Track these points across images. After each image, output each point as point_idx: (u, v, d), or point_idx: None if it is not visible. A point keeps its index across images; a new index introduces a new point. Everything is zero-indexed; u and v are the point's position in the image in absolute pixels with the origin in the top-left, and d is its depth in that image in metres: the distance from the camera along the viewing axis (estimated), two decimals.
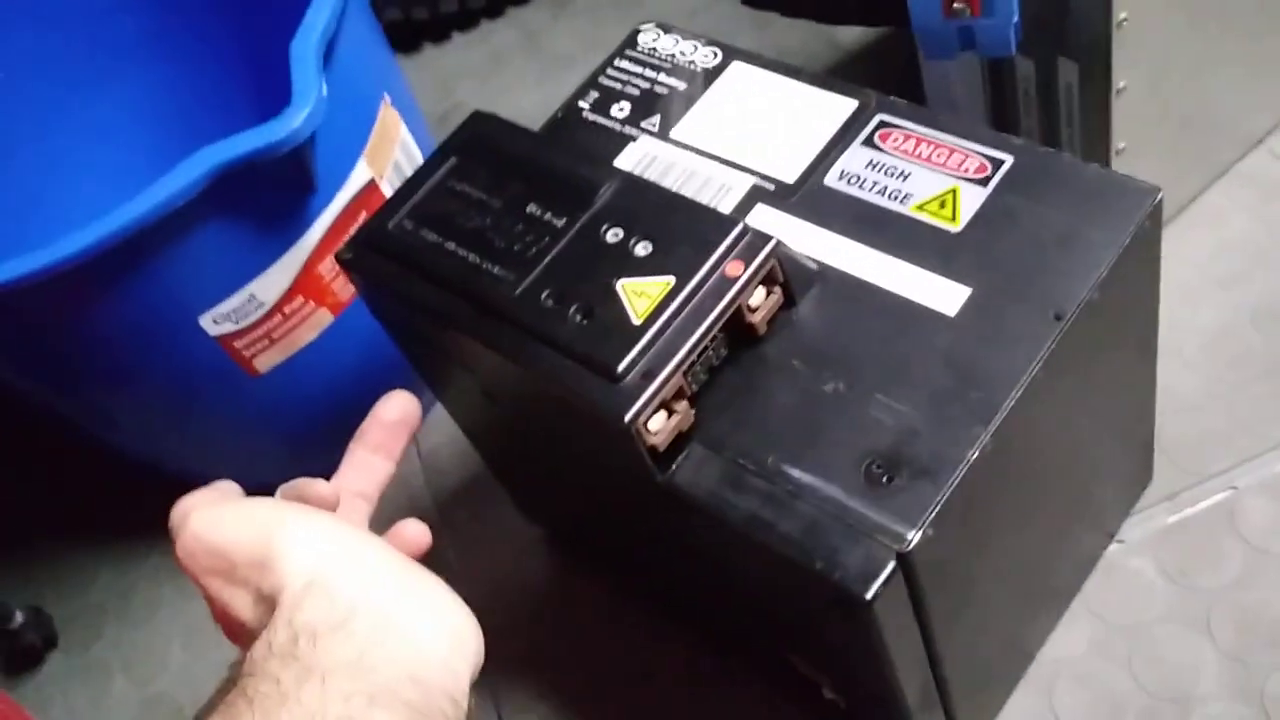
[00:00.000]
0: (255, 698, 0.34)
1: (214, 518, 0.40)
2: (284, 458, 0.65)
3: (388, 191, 0.57)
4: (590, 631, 0.47)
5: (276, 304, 0.55)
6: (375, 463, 0.46)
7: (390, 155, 0.58)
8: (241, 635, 0.40)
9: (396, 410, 0.47)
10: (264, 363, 0.56)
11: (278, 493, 0.43)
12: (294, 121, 0.48)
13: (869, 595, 0.37)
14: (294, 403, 0.60)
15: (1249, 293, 0.62)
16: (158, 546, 0.70)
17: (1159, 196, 0.42)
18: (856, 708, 0.49)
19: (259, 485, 0.68)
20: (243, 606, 0.39)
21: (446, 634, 0.38)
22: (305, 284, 0.55)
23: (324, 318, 0.57)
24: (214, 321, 0.53)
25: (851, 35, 0.79)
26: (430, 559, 0.42)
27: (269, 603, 0.37)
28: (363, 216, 0.56)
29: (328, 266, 0.56)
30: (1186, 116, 0.60)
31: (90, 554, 0.72)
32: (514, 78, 0.88)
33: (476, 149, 0.47)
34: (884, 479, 0.39)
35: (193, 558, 0.39)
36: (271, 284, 0.54)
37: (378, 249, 0.46)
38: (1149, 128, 0.57)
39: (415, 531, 0.45)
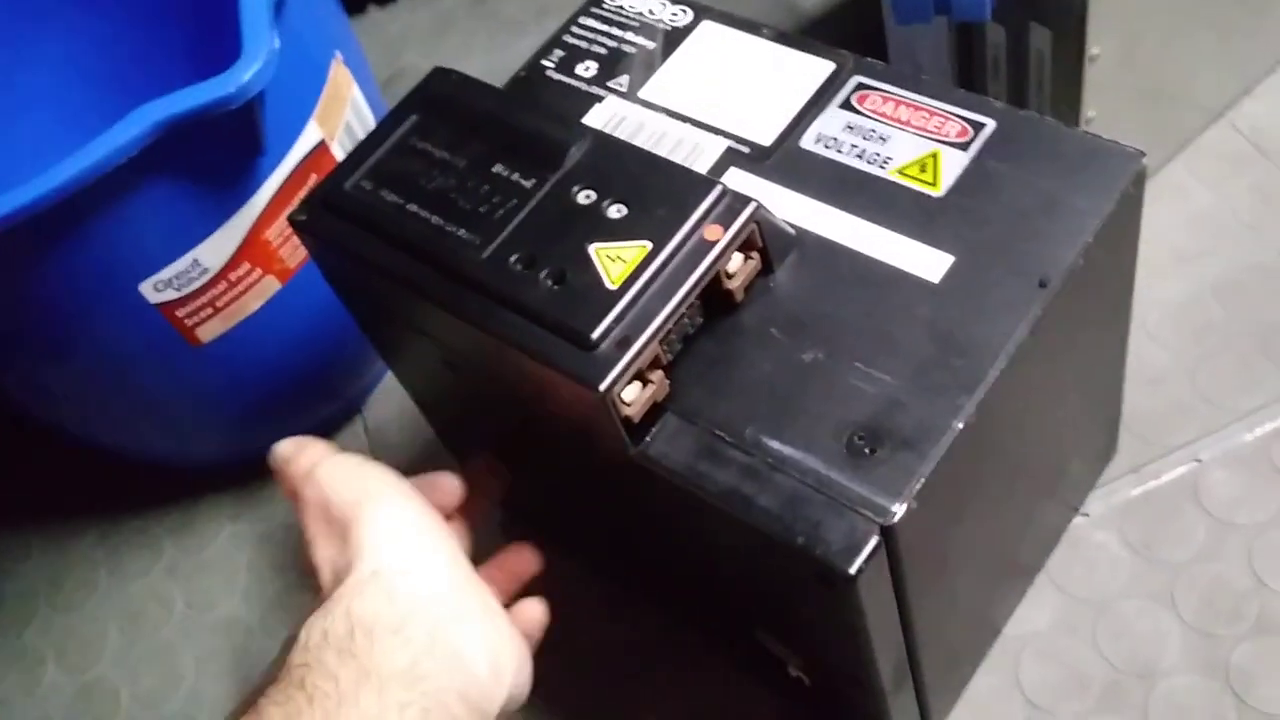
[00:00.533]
0: (315, 695, 0.35)
1: (335, 469, 0.42)
2: (228, 431, 0.62)
3: (339, 154, 0.55)
4: (551, 610, 0.46)
5: (221, 270, 0.52)
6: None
7: (341, 116, 0.56)
8: (316, 583, 0.41)
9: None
10: (207, 332, 0.54)
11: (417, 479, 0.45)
12: (245, 75, 0.45)
13: (852, 570, 0.35)
14: (239, 373, 0.57)
15: (1211, 266, 0.62)
16: (91, 527, 0.68)
17: (1142, 161, 0.41)
18: (824, 685, 0.48)
19: (203, 460, 0.66)
20: (324, 559, 0.40)
21: (488, 661, 0.39)
22: (252, 250, 0.53)
23: (271, 285, 0.55)
24: (155, 289, 0.51)
25: (812, 0, 0.77)
26: None
27: (344, 558, 0.39)
28: (313, 179, 0.54)
29: (275, 231, 0.53)
30: (1155, 86, 0.59)
31: (19, 536, 0.69)
32: (461, 42, 0.85)
33: (439, 106, 0.45)
34: (866, 450, 0.37)
35: (309, 503, 0.42)
36: (216, 249, 0.51)
37: (334, 210, 0.44)
38: (1118, 96, 0.56)
39: (527, 558, 0.47)
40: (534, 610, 0.45)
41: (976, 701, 0.52)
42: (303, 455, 0.43)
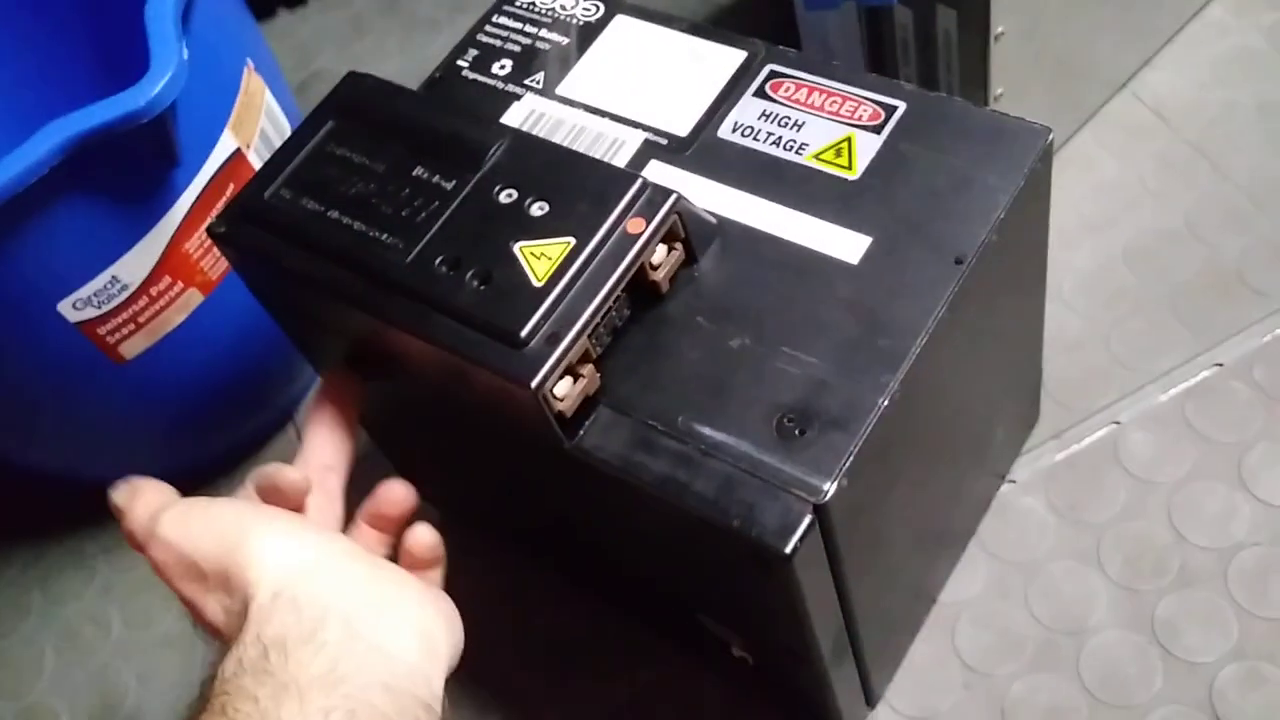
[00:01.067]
0: (235, 716, 0.34)
1: (182, 524, 0.40)
2: (158, 447, 0.62)
3: (256, 162, 0.54)
4: (492, 605, 0.46)
5: (141, 286, 0.51)
6: (338, 436, 0.45)
7: (256, 124, 0.55)
8: (218, 637, 0.40)
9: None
10: (131, 348, 0.53)
11: (248, 481, 0.43)
12: (154, 88, 0.45)
13: (788, 549, 0.36)
14: (166, 389, 0.57)
15: (1120, 233, 0.63)
16: (22, 551, 0.66)
17: (1050, 137, 0.43)
18: (766, 664, 0.49)
19: (124, 477, 0.64)
20: (215, 613, 0.39)
21: (416, 639, 0.38)
22: (172, 263, 0.52)
23: (193, 298, 0.54)
24: (74, 307, 0.50)
25: None
26: None
27: (239, 607, 0.38)
28: (230, 189, 0.53)
29: (195, 244, 0.53)
30: (1060, 61, 0.61)
31: None
32: (375, 43, 0.85)
33: (355, 111, 0.44)
34: (796, 432, 0.38)
35: (166, 566, 0.40)
36: (135, 265, 0.51)
37: (254, 220, 0.43)
38: (1025, 73, 0.58)
39: (399, 496, 0.44)
40: (424, 537, 0.43)
41: (916, 669, 0.53)
42: (137, 506, 0.41)
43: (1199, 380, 0.58)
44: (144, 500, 0.42)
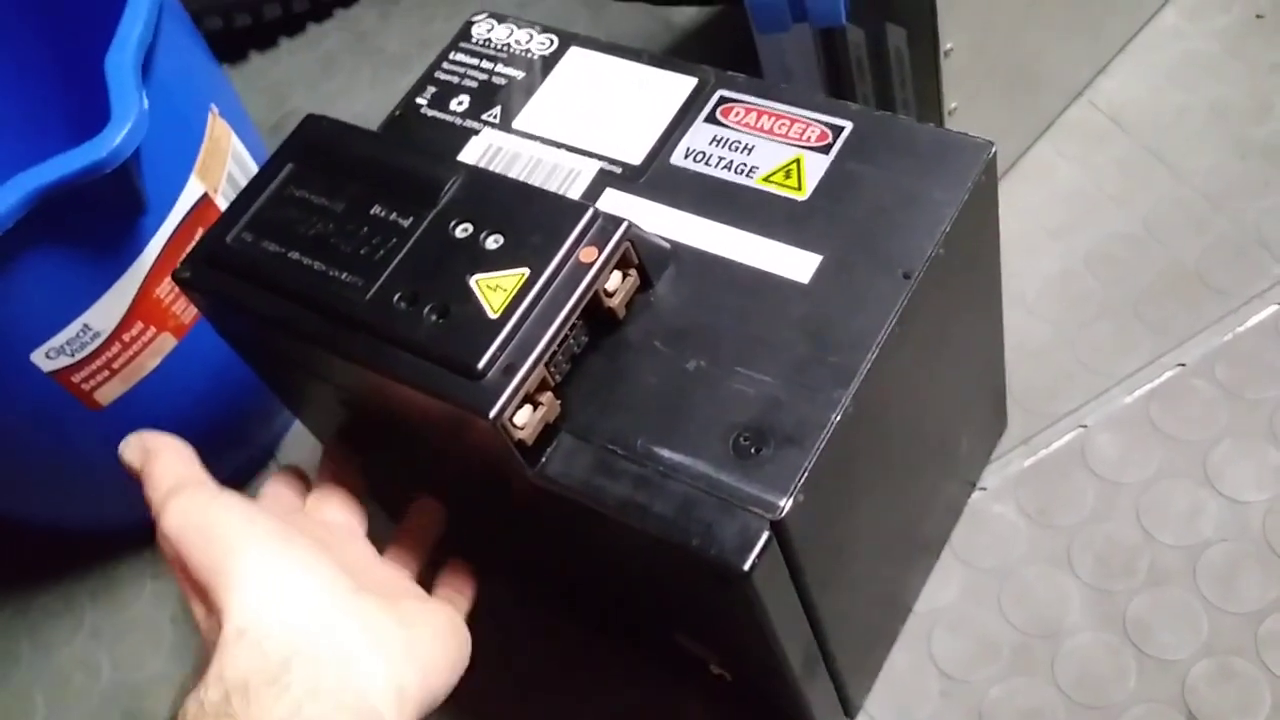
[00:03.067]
0: None
1: (183, 519, 0.40)
2: (133, 492, 0.62)
3: (223, 206, 0.55)
4: (471, 628, 0.47)
5: (114, 332, 0.52)
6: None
7: (223, 168, 0.56)
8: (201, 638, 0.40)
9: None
10: (106, 395, 0.54)
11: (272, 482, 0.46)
12: (115, 139, 0.46)
13: (746, 566, 0.37)
14: None
15: (1081, 238, 0.64)
16: (8, 600, 0.67)
17: (992, 151, 0.43)
18: (744, 680, 0.49)
19: (118, 521, 0.65)
20: (197, 611, 0.39)
21: (384, 691, 0.37)
22: (143, 309, 0.53)
23: (167, 342, 0.55)
24: (47, 356, 0.51)
25: (685, 15, 0.79)
26: None
27: (215, 618, 0.38)
28: (199, 233, 0.54)
29: (166, 289, 0.53)
30: (1012, 73, 0.62)
31: None
32: (346, 81, 0.86)
33: (313, 153, 0.45)
34: (752, 450, 0.39)
35: (166, 554, 0.40)
36: (107, 312, 0.51)
37: (217, 265, 0.44)
38: (978, 87, 0.59)
39: (434, 518, 0.46)
40: (462, 573, 0.45)
41: (893, 679, 0.53)
42: (155, 470, 0.42)
43: (1163, 381, 0.59)
44: (159, 467, 0.42)
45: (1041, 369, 0.60)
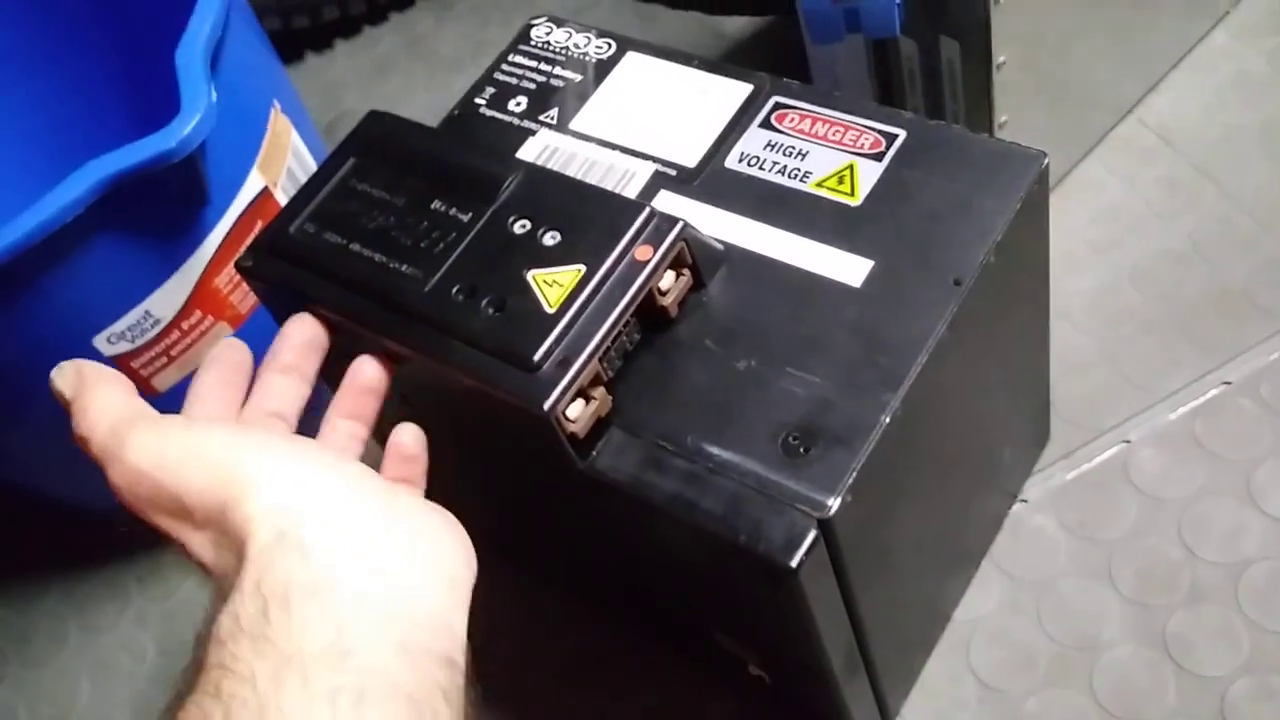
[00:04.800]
0: (231, 706, 0.30)
1: (157, 450, 0.35)
2: None
3: (282, 200, 0.56)
4: (502, 622, 0.47)
5: (173, 320, 0.53)
6: (290, 384, 0.42)
7: (283, 163, 0.57)
8: (206, 573, 0.36)
9: (306, 333, 0.43)
10: (163, 381, 0.55)
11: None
12: (185, 129, 0.47)
13: (794, 563, 0.37)
14: None
15: (1127, 255, 0.64)
16: (56, 582, 0.68)
17: (1045, 161, 0.44)
18: (782, 682, 0.50)
19: None
20: (201, 548, 0.35)
21: (437, 579, 0.34)
22: (202, 298, 0.54)
23: (223, 331, 0.56)
24: (109, 341, 0.52)
25: (736, 24, 0.80)
26: None
27: (233, 546, 0.33)
28: (258, 226, 0.55)
29: (225, 279, 0.55)
30: (1063, 88, 0.62)
31: None
32: (400, 83, 0.87)
33: (375, 148, 0.46)
34: (801, 450, 0.39)
35: (135, 495, 0.35)
36: (167, 300, 0.53)
37: (279, 254, 0.45)
38: (1028, 100, 0.59)
39: (373, 375, 0.41)
40: (410, 434, 0.41)
41: (931, 686, 0.54)
42: (90, 406, 0.37)
43: (1207, 399, 0.59)
44: (99, 400, 0.37)
45: (1085, 383, 0.60)
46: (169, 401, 0.56)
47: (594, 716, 0.56)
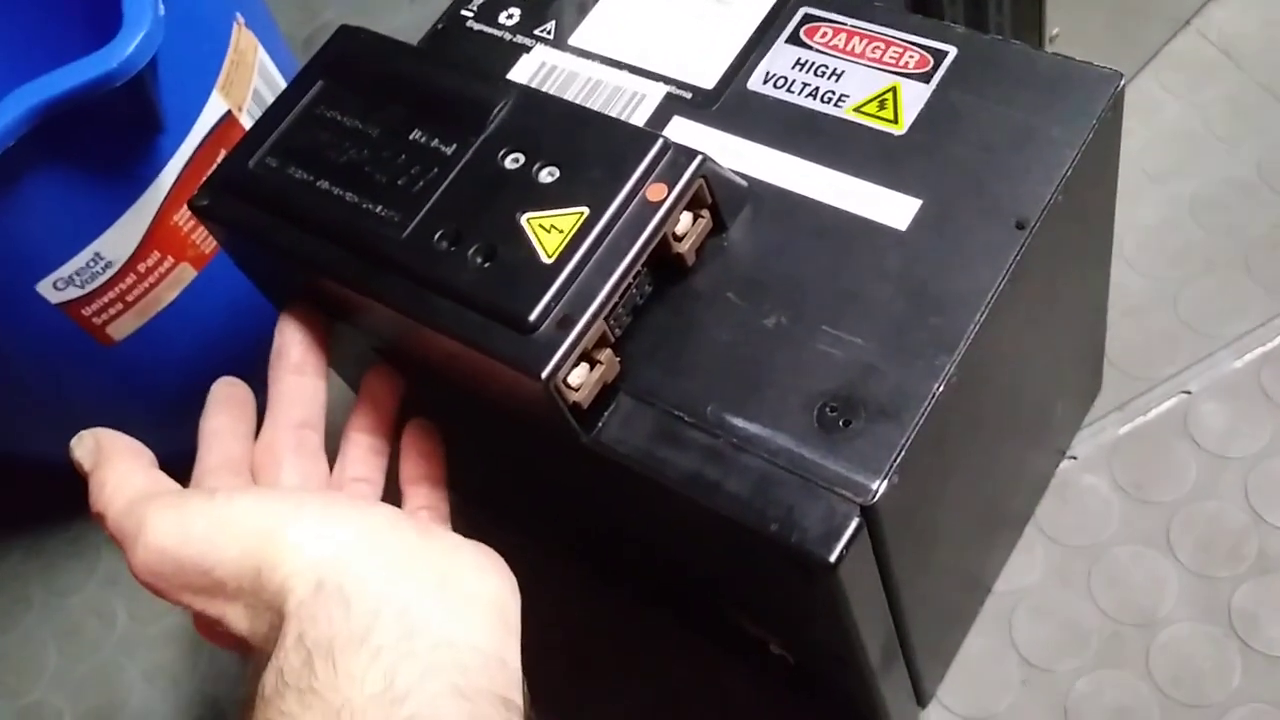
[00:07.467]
0: None
1: (180, 527, 0.34)
2: (156, 429, 0.57)
3: (249, 126, 0.50)
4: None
5: (128, 262, 0.48)
6: (306, 384, 0.40)
7: (249, 84, 0.51)
8: (239, 645, 0.35)
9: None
10: (120, 329, 0.50)
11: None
12: (126, 49, 0.41)
13: (832, 558, 0.32)
14: (160, 370, 0.53)
15: (1187, 184, 0.59)
16: (19, 541, 0.63)
17: (1120, 83, 0.38)
18: (808, 664, 0.45)
19: None
20: (236, 620, 0.34)
21: (486, 616, 0.33)
22: (160, 237, 0.48)
23: (186, 273, 0.50)
24: (55, 287, 0.46)
25: None
26: None
27: (271, 607, 0.33)
28: (222, 155, 0.49)
29: (185, 216, 0.49)
30: None
31: None
32: None
33: (347, 69, 0.40)
34: (840, 423, 0.34)
35: (158, 575, 0.34)
36: (119, 240, 0.47)
37: (238, 192, 0.39)
38: (1082, 10, 0.53)
39: (388, 387, 0.41)
40: (424, 431, 0.41)
41: (970, 665, 0.49)
42: (107, 482, 0.36)
43: (1276, 344, 0.53)
44: (115, 475, 0.36)
45: (1140, 328, 0.55)
46: (127, 352, 0.51)
47: (608, 697, 0.51)
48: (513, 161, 0.37)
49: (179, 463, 0.44)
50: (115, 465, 0.37)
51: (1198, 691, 0.47)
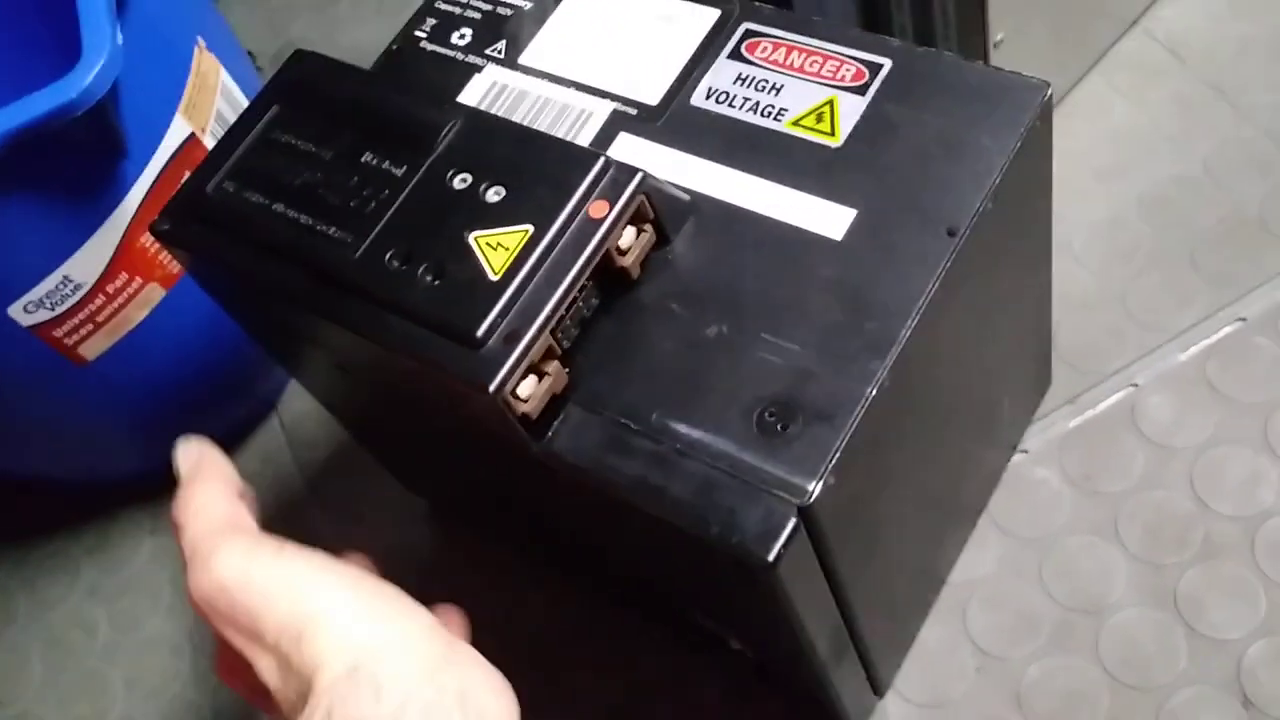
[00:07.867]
0: None
1: (244, 570, 0.36)
2: (134, 446, 0.59)
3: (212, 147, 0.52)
4: (484, 597, 0.44)
5: (96, 284, 0.49)
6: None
7: (211, 106, 0.52)
8: (257, 695, 0.36)
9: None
10: (91, 349, 0.51)
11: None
12: (86, 78, 0.42)
13: (771, 557, 0.34)
14: (134, 388, 0.54)
15: (1134, 182, 0.60)
16: (1, 556, 0.64)
17: (1048, 93, 0.39)
18: (764, 659, 0.46)
19: (113, 477, 0.63)
20: (267, 671, 0.35)
21: None
22: (127, 258, 0.49)
23: (155, 293, 0.52)
24: (25, 311, 0.48)
25: None
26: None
27: (301, 675, 0.34)
28: (186, 176, 0.50)
29: (152, 237, 0.50)
30: (1063, 1, 0.57)
31: None
32: (350, 9, 0.81)
33: (301, 94, 0.42)
34: (778, 427, 0.35)
35: (211, 604, 0.36)
36: (88, 262, 0.48)
37: (197, 216, 0.41)
38: (1027, 15, 0.54)
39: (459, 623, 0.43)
40: (459, 618, 0.43)
41: (926, 655, 0.50)
42: (195, 498, 0.37)
43: (1221, 337, 0.55)
44: (202, 495, 0.38)
45: (1089, 323, 0.56)
46: (101, 371, 0.52)
47: (574, 694, 0.53)
48: (461, 182, 0.38)
49: (154, 479, 0.45)
50: (207, 486, 0.39)
51: (1145, 675, 0.48)
